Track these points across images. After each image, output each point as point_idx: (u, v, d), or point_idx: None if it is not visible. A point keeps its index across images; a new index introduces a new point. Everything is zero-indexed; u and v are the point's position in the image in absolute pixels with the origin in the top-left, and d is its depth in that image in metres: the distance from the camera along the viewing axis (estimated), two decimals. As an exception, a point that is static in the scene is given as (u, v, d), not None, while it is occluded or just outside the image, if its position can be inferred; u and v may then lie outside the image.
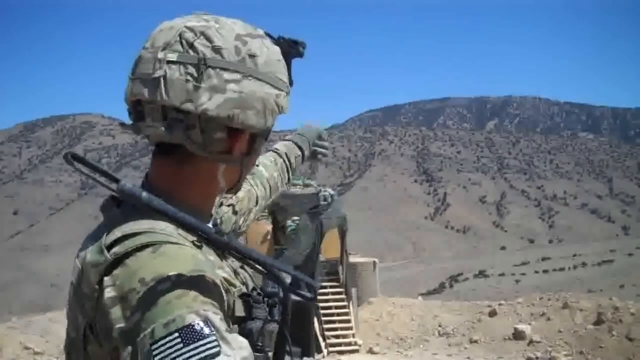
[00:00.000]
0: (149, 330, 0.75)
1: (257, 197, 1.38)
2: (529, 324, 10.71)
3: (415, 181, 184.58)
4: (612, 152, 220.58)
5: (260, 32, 1.01)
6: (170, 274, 0.79)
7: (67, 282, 0.94)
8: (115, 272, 0.83)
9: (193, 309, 0.76)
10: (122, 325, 0.78)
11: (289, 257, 9.96)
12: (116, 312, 0.79)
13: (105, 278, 0.83)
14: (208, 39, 0.92)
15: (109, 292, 0.81)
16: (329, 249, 12.17)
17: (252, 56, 0.95)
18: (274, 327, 0.89)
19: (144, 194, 0.85)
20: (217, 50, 0.92)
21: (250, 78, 0.94)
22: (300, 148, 1.56)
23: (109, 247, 0.85)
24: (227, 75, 0.92)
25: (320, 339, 11.43)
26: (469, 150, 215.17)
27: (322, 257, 11.62)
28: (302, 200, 10.74)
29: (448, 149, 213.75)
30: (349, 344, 11.94)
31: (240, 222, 1.34)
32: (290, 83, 1.05)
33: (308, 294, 0.92)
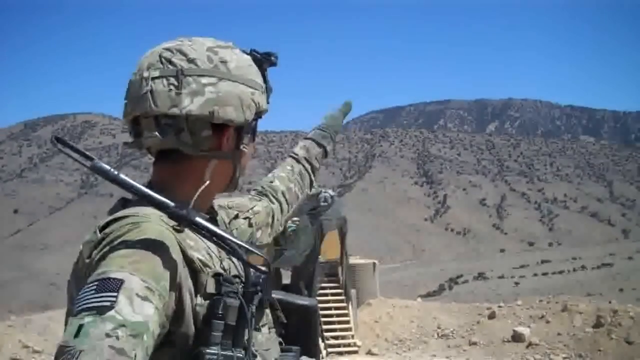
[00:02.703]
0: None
1: (273, 211, 1.46)
2: (528, 326, 10.71)
3: (416, 183, 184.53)
4: (612, 156, 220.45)
5: (230, 44, 1.16)
6: (127, 239, 0.91)
7: (67, 281, 1.01)
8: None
9: (124, 269, 0.86)
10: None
11: (288, 258, 9.94)
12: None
13: (94, 251, 0.93)
14: (183, 54, 1.07)
15: None
16: (329, 251, 12.14)
17: (224, 62, 1.10)
18: (235, 302, 0.96)
19: (112, 170, 0.94)
20: (191, 61, 1.07)
21: (225, 80, 1.08)
22: (321, 145, 1.62)
23: (102, 228, 0.96)
24: (204, 80, 1.06)
25: (320, 340, 11.42)
26: (469, 152, 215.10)
27: (321, 259, 11.59)
28: (302, 201, 10.74)
29: (448, 152, 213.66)
30: (348, 345, 11.94)
31: (258, 235, 1.39)
32: (270, 89, 1.22)
33: (263, 268, 1.01)
